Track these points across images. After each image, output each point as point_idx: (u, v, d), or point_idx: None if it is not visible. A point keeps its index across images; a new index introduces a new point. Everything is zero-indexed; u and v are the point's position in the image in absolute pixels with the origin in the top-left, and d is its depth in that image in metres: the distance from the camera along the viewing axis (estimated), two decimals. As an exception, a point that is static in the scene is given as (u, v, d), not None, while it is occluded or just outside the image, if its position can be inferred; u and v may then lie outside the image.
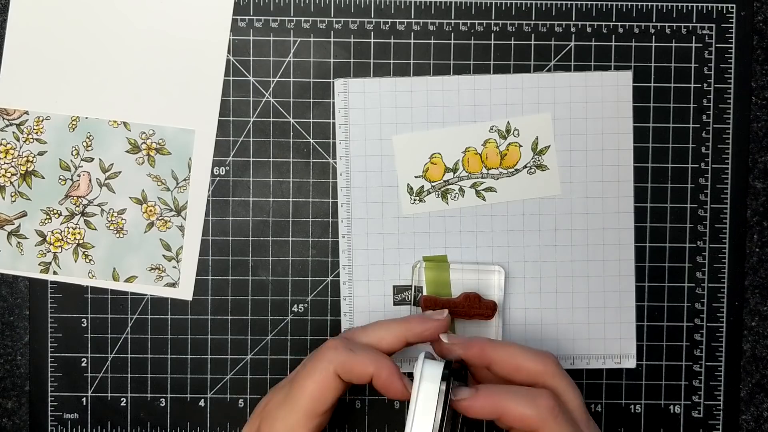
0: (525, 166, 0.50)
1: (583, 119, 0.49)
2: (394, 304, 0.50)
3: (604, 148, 0.50)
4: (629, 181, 0.50)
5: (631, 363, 0.50)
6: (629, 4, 0.50)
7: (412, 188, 0.50)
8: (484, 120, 0.50)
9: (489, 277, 0.49)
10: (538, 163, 0.50)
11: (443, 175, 0.50)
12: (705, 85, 0.50)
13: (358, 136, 0.50)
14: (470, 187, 0.50)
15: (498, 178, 0.50)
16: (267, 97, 0.50)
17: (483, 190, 0.50)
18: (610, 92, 0.49)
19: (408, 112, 0.50)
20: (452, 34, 0.50)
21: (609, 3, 0.50)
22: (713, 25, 0.50)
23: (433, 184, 0.50)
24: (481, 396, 0.38)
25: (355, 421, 0.50)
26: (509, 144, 0.50)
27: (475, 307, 0.48)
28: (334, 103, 0.50)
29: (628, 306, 0.50)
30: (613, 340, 0.50)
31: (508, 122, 0.49)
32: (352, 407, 0.50)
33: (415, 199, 0.50)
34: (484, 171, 0.50)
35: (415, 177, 0.50)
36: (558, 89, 0.49)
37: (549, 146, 0.49)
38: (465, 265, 0.49)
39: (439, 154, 0.50)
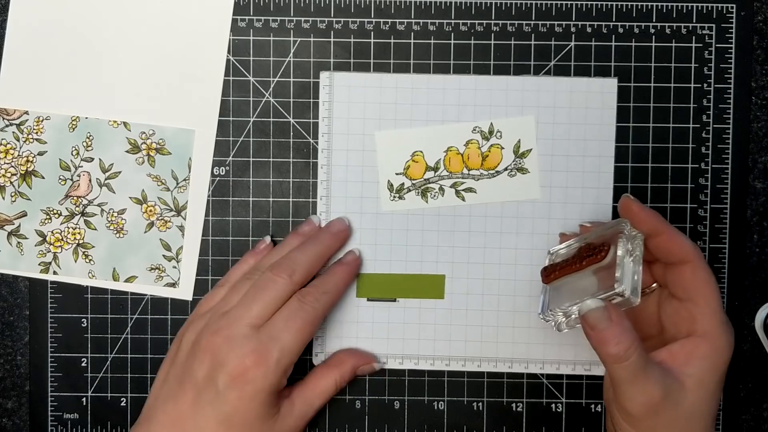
0: (506, 169, 0.50)
1: (567, 124, 0.49)
2: (368, 300, 0.50)
3: (585, 155, 0.49)
4: (609, 188, 0.50)
5: (601, 370, 0.50)
6: (629, 4, 0.50)
7: (392, 185, 0.50)
8: (468, 120, 0.50)
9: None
10: (519, 166, 0.50)
11: (424, 173, 0.50)
12: (705, 85, 0.50)
13: (341, 130, 0.50)
14: (450, 187, 0.50)
15: (478, 179, 0.50)
16: (267, 97, 0.50)
17: (463, 190, 0.50)
18: (595, 99, 0.49)
19: (392, 108, 0.50)
20: (452, 34, 0.50)
21: (609, 3, 0.50)
22: (713, 25, 0.50)
23: (414, 182, 0.50)
24: (650, 211, 0.43)
25: (355, 421, 0.50)
26: (491, 145, 0.50)
27: (588, 253, 0.44)
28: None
29: None
30: (583, 347, 0.49)
31: (491, 124, 0.49)
32: (352, 407, 0.50)
33: (394, 196, 0.50)
34: (465, 171, 0.50)
35: (396, 174, 0.50)
36: (543, 93, 0.49)
37: (531, 150, 0.49)
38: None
39: (421, 152, 0.50)
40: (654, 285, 0.45)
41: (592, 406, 0.50)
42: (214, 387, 0.42)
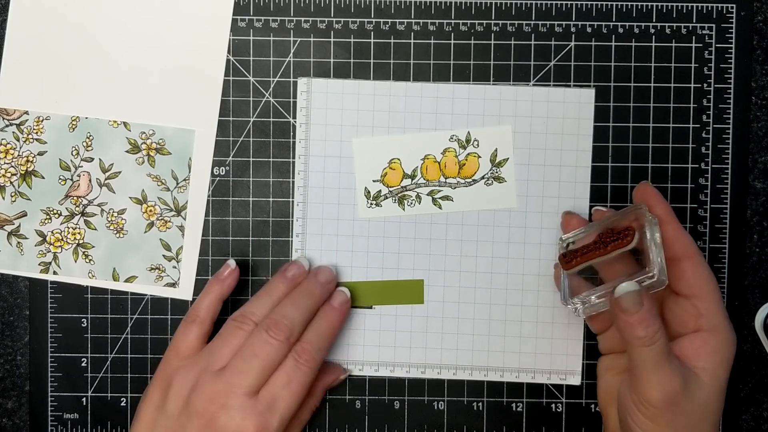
0: (483, 177, 0.50)
1: (543, 134, 0.49)
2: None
3: (562, 164, 0.50)
4: (585, 198, 0.50)
5: (575, 380, 0.50)
6: (629, 4, 0.50)
7: (369, 192, 0.50)
8: (445, 129, 0.50)
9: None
10: (496, 175, 0.50)
11: (401, 180, 0.50)
12: (705, 85, 0.50)
13: (319, 136, 0.50)
14: (427, 195, 0.50)
15: (455, 188, 0.50)
16: (267, 97, 0.50)
17: (440, 198, 0.50)
18: (572, 109, 0.49)
19: (369, 115, 0.50)
20: (452, 34, 0.50)
21: (609, 3, 0.50)
22: (713, 25, 0.50)
23: (391, 189, 0.50)
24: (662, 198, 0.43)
25: (355, 421, 0.50)
26: (468, 154, 0.50)
27: (611, 238, 0.44)
28: (295, 102, 0.50)
29: (577, 323, 0.50)
30: (559, 356, 0.50)
31: (469, 132, 0.49)
32: (352, 407, 0.50)
33: (372, 203, 0.50)
34: (442, 179, 0.50)
35: (373, 181, 0.50)
36: (520, 102, 0.49)
37: (507, 159, 0.49)
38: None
39: (398, 159, 0.50)
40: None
41: (592, 406, 0.50)
42: None
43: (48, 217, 0.50)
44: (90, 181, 0.50)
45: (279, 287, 0.47)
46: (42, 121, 0.50)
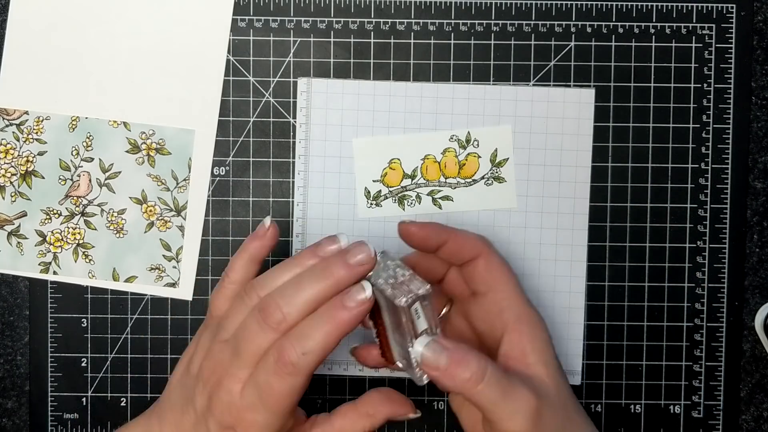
0: (483, 177, 0.50)
1: (543, 134, 0.49)
2: None
3: (562, 164, 0.50)
4: (585, 198, 0.50)
5: (575, 380, 0.50)
6: (629, 4, 0.50)
7: (369, 192, 0.50)
8: (445, 129, 0.50)
9: None
10: (496, 175, 0.50)
11: (401, 180, 0.50)
12: (705, 85, 0.50)
13: (319, 137, 0.50)
14: (427, 195, 0.50)
15: (455, 188, 0.50)
16: (267, 97, 0.50)
17: (440, 198, 0.50)
18: (572, 109, 0.49)
19: (369, 115, 0.50)
20: (452, 34, 0.50)
21: (609, 3, 0.50)
22: (713, 25, 0.50)
23: (391, 189, 0.50)
24: (429, 225, 0.42)
25: (355, 421, 0.50)
26: (468, 154, 0.50)
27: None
28: (295, 102, 0.50)
29: (577, 323, 0.50)
30: (559, 356, 0.49)
31: (469, 132, 0.49)
32: (352, 407, 0.50)
33: (371, 203, 0.50)
34: (442, 179, 0.50)
35: (374, 181, 0.50)
36: (520, 102, 0.49)
37: (507, 159, 0.49)
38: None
39: (399, 159, 0.50)
40: (445, 310, 0.45)
41: (592, 405, 0.50)
42: (206, 427, 0.39)
43: (48, 217, 0.50)
44: (90, 181, 0.50)
45: (303, 263, 0.40)
46: (42, 121, 0.50)
